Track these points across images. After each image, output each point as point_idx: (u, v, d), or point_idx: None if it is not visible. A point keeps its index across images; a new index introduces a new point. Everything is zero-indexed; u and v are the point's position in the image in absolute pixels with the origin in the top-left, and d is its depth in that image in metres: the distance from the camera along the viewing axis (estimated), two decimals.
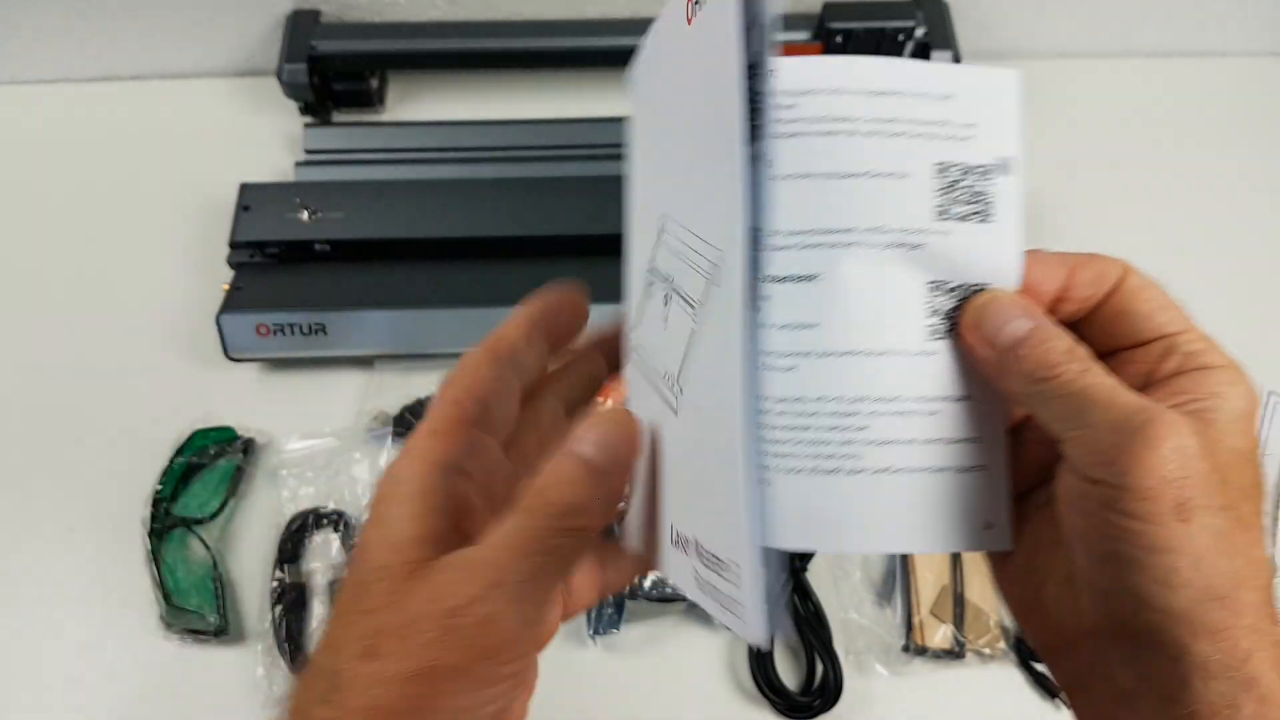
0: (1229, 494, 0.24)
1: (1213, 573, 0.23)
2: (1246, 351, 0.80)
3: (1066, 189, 0.80)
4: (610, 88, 0.86)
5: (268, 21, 0.83)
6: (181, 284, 0.73)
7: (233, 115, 0.84)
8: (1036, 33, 0.88)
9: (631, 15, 0.83)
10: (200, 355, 0.69)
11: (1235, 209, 0.80)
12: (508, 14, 0.83)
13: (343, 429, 0.66)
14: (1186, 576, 0.23)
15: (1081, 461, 0.25)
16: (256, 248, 0.70)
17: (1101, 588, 0.25)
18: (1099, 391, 0.25)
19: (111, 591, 0.60)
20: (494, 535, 0.26)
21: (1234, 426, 0.25)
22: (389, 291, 0.68)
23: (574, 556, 0.27)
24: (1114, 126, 0.85)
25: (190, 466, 0.63)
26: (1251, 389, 0.27)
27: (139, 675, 0.58)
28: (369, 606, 0.26)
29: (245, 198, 0.71)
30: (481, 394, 0.29)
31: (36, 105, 0.85)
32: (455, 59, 0.81)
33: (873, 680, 0.58)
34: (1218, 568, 0.24)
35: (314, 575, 0.61)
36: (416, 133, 0.80)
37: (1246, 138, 0.84)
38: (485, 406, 0.29)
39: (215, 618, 0.58)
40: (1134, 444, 0.24)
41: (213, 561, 0.60)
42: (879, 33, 0.78)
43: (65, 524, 0.63)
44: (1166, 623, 0.24)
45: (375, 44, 0.80)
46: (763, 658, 0.57)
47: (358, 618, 0.26)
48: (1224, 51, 0.90)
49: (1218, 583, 0.23)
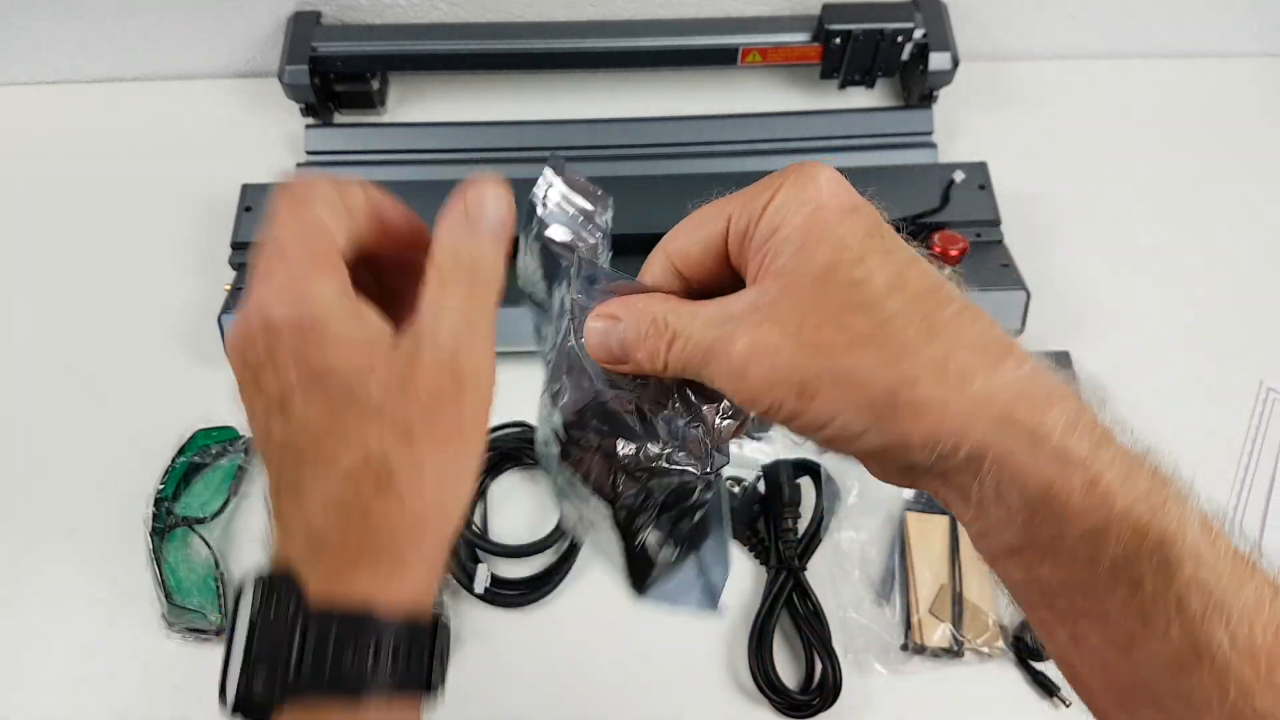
0: (836, 329, 0.26)
1: (881, 395, 0.25)
2: (1245, 348, 0.80)
3: (1066, 189, 0.80)
4: (610, 89, 0.86)
5: (269, 23, 0.83)
6: (184, 284, 0.73)
7: (234, 116, 0.84)
8: (1035, 34, 0.89)
9: (631, 17, 0.84)
10: (202, 355, 0.70)
11: (1234, 209, 0.80)
12: (508, 16, 0.84)
13: None
14: (857, 425, 0.26)
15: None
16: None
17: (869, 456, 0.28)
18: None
19: (113, 591, 0.61)
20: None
21: (807, 246, 0.27)
22: None
23: (494, 310, 0.30)
24: (1113, 127, 0.85)
25: (192, 466, 0.64)
26: (808, 185, 0.28)
27: (141, 674, 0.58)
28: (373, 398, 0.28)
29: (247, 198, 0.72)
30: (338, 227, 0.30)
31: (39, 106, 0.85)
32: (456, 60, 0.81)
33: (872, 679, 0.58)
34: (880, 390, 0.25)
35: None
36: (417, 134, 0.80)
37: (1246, 138, 0.85)
38: (346, 235, 0.30)
39: (217, 616, 0.58)
40: (735, 387, 0.28)
41: (214, 561, 0.60)
42: (878, 34, 0.79)
43: (67, 523, 0.63)
44: (903, 453, 0.26)
45: (376, 46, 0.80)
46: (763, 657, 0.57)
47: (367, 410, 0.28)
48: (1223, 52, 0.90)
49: (887, 396, 0.25)
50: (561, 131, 0.80)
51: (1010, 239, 0.72)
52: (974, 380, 0.25)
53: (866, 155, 0.79)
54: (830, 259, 0.26)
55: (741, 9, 0.84)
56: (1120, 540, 0.24)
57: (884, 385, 0.25)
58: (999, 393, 0.25)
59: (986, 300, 0.69)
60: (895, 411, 0.25)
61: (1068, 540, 0.25)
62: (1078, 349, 0.70)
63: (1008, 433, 0.25)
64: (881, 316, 0.26)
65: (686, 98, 0.85)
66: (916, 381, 0.25)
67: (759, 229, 0.28)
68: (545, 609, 0.61)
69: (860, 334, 0.26)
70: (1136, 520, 0.24)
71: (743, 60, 0.81)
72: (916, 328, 0.25)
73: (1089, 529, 0.24)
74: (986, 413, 0.25)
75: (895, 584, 0.61)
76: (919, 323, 0.26)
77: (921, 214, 0.71)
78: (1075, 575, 0.25)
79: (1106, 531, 0.24)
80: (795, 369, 0.26)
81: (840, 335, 0.26)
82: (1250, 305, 0.74)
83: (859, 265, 0.26)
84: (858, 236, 0.27)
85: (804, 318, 0.26)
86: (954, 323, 0.26)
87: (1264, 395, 0.69)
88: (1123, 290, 0.74)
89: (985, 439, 0.25)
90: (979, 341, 0.26)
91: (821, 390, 0.26)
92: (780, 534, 0.61)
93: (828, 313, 0.26)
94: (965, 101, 0.84)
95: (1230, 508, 0.65)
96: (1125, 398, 0.70)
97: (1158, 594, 0.24)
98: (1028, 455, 0.25)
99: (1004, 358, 0.26)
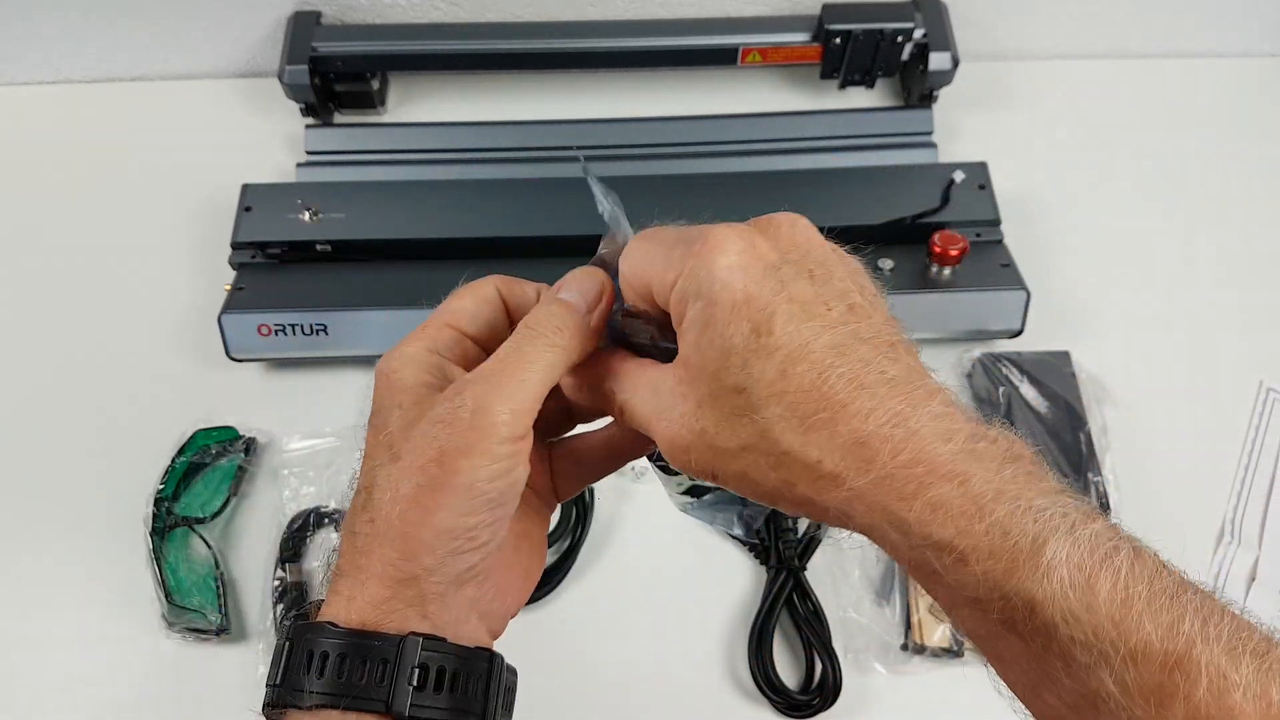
0: (730, 433, 0.29)
1: (770, 490, 0.29)
2: (1244, 349, 0.81)
3: (1066, 189, 0.80)
4: (610, 89, 0.86)
5: (269, 23, 0.83)
6: (183, 284, 0.73)
7: (234, 116, 0.84)
8: (1035, 34, 0.89)
9: (631, 17, 0.84)
10: (202, 355, 0.70)
11: (1235, 208, 0.80)
12: (508, 16, 0.84)
13: (344, 428, 0.66)
14: (768, 503, 0.30)
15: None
16: (258, 248, 0.71)
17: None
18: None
19: (113, 590, 0.61)
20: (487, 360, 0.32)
21: (701, 346, 0.29)
22: (389, 291, 0.68)
23: (552, 370, 0.32)
24: (1113, 127, 0.85)
25: (192, 466, 0.64)
26: (702, 271, 0.29)
27: (141, 674, 0.58)
28: (388, 429, 0.32)
29: (247, 198, 0.72)
30: (463, 308, 0.35)
31: (39, 106, 0.85)
32: (456, 60, 0.81)
33: (872, 679, 0.58)
34: (768, 488, 0.29)
35: (315, 574, 0.61)
36: (417, 134, 0.80)
37: (1245, 138, 0.85)
38: (469, 316, 0.35)
39: (217, 617, 0.58)
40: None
41: (214, 561, 0.60)
42: (877, 34, 0.79)
43: (67, 523, 0.63)
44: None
45: (376, 45, 0.80)
46: (763, 657, 0.57)
47: (380, 440, 0.32)
48: (1223, 52, 0.90)
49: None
50: (562, 131, 0.79)
51: (1010, 239, 0.72)
52: (845, 481, 0.27)
53: (866, 155, 0.79)
54: (719, 364, 0.28)
55: (741, 9, 0.84)
56: (995, 607, 0.26)
57: (771, 485, 0.29)
58: (868, 492, 0.27)
59: (987, 300, 0.69)
60: (786, 502, 0.29)
61: (957, 602, 0.27)
62: (1078, 349, 0.70)
63: (879, 524, 0.27)
64: (762, 425, 0.28)
65: (686, 98, 0.85)
66: (795, 484, 0.28)
67: (672, 303, 0.30)
68: (545, 609, 0.61)
69: (745, 442, 0.29)
70: (1004, 591, 0.25)
71: (743, 60, 0.81)
72: (794, 432, 0.28)
73: (969, 598, 0.26)
74: (858, 508, 0.27)
75: (895, 584, 0.61)
76: (796, 426, 0.28)
77: (921, 214, 0.71)
78: (978, 627, 0.27)
79: (982, 601, 0.26)
80: (704, 464, 0.30)
81: (731, 440, 0.29)
82: (1250, 305, 0.74)
83: (742, 372, 0.28)
84: (743, 336, 0.28)
85: (704, 422, 0.29)
86: (832, 421, 0.27)
87: (1264, 395, 0.69)
88: (1123, 290, 0.74)
89: (862, 526, 0.28)
90: (855, 437, 0.27)
91: (728, 482, 0.30)
92: (780, 534, 0.61)
93: (719, 418, 0.29)
94: (965, 101, 0.84)
95: (1230, 508, 0.65)
96: (1125, 398, 0.71)
97: (1043, 651, 0.25)
98: (900, 541, 0.27)
99: (876, 453, 0.27)
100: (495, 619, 0.34)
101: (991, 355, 0.69)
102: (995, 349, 0.70)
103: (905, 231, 0.71)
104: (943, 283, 0.69)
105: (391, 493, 0.30)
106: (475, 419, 0.30)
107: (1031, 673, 0.26)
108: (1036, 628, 0.25)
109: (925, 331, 0.70)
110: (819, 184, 0.75)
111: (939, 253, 0.67)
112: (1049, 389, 0.68)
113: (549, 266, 0.37)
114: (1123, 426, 0.67)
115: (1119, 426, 0.67)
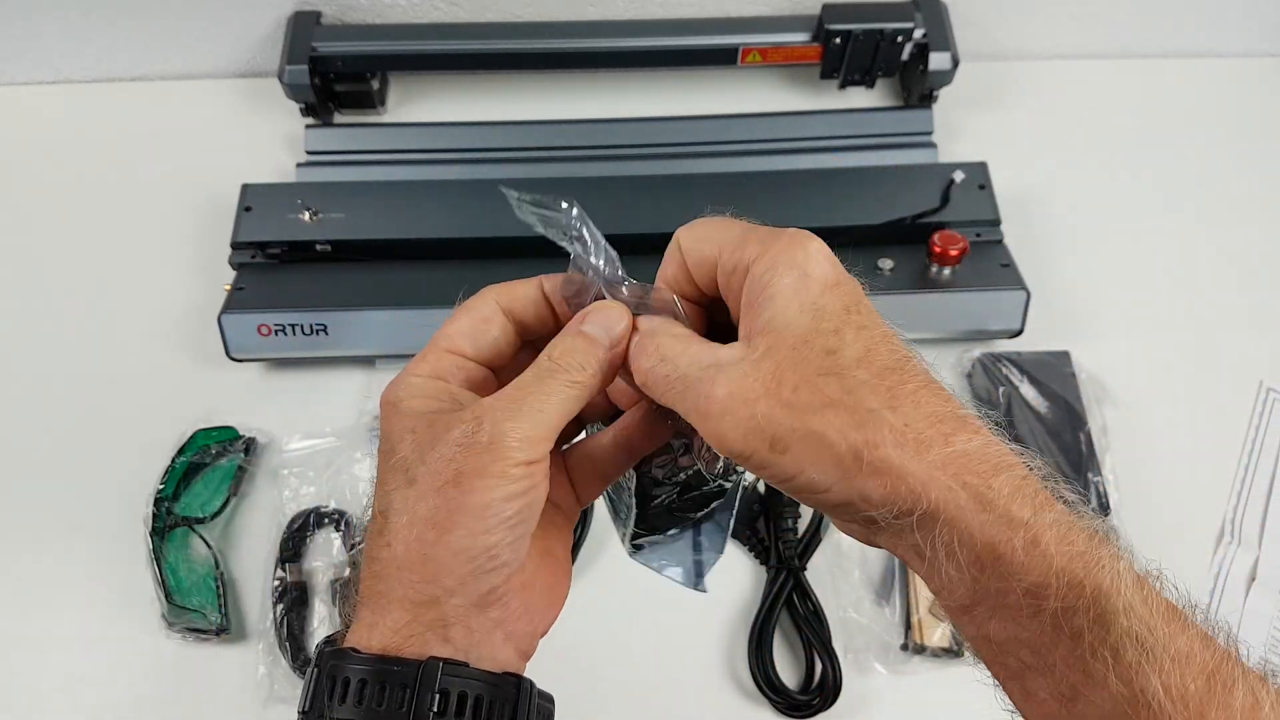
0: (810, 391, 0.28)
1: (846, 454, 0.28)
2: (1244, 349, 0.80)
3: (1066, 189, 0.80)
4: (610, 89, 0.86)
5: (269, 23, 0.83)
6: (183, 284, 0.73)
7: (234, 116, 0.84)
8: (1035, 34, 0.89)
9: (631, 17, 0.84)
10: (202, 355, 0.70)
11: (1234, 208, 0.80)
12: (508, 16, 0.84)
13: (344, 428, 0.66)
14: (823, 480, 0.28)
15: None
16: (258, 248, 0.71)
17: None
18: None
19: (113, 590, 0.61)
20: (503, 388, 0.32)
21: (790, 311, 0.29)
22: (389, 291, 0.68)
23: (569, 404, 0.32)
24: (1113, 127, 0.85)
25: (192, 466, 0.64)
26: (798, 252, 0.30)
27: (141, 674, 0.58)
28: (401, 454, 0.31)
29: (247, 198, 0.72)
30: (461, 331, 0.34)
31: (39, 106, 0.85)
32: (456, 60, 0.81)
33: (872, 679, 0.58)
34: (846, 449, 0.28)
35: (315, 574, 0.61)
36: (417, 134, 0.80)
37: (1245, 138, 0.85)
38: (468, 339, 0.34)
39: (217, 617, 0.58)
40: (706, 427, 0.29)
41: (214, 561, 0.60)
42: (877, 34, 0.79)
43: (67, 523, 0.63)
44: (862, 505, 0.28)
45: (376, 45, 0.80)
46: (763, 657, 0.57)
47: (393, 464, 0.32)
48: (1223, 52, 0.90)
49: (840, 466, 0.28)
50: (561, 131, 0.79)
51: (1010, 239, 0.72)
52: (930, 448, 0.28)
53: (866, 155, 0.79)
54: (810, 327, 0.29)
55: (741, 9, 0.84)
56: (1059, 594, 0.26)
57: (850, 445, 0.28)
58: (952, 461, 0.28)
59: (987, 300, 0.69)
60: (859, 470, 0.28)
61: (1012, 596, 0.27)
62: (1078, 349, 0.70)
63: (958, 496, 0.27)
64: (850, 385, 0.28)
65: (686, 98, 0.85)
66: (879, 444, 0.28)
67: (749, 283, 0.31)
68: None
69: (831, 398, 0.28)
70: (1073, 576, 0.26)
71: (743, 60, 0.81)
72: (881, 398, 0.28)
73: (1031, 585, 0.27)
74: (940, 477, 0.28)
75: (895, 584, 0.61)
76: (884, 394, 0.28)
77: (921, 214, 0.71)
78: (1021, 630, 0.27)
79: (1046, 586, 0.26)
80: (771, 422, 0.28)
81: (813, 397, 0.28)
82: (1250, 305, 0.74)
83: (834, 336, 0.29)
84: (836, 310, 0.29)
85: (782, 378, 0.29)
86: (915, 396, 0.29)
87: (1264, 395, 0.69)
88: (1122, 290, 0.74)
89: (938, 500, 0.27)
90: (936, 414, 0.28)
91: (793, 445, 0.28)
92: (780, 534, 0.61)
93: (803, 375, 0.28)
94: (965, 101, 0.84)
95: (1230, 508, 0.65)
96: (1125, 398, 0.71)
97: (1096, 645, 0.26)
98: (975, 517, 0.27)
99: (958, 429, 0.28)
100: (524, 639, 0.34)
101: (991, 355, 0.69)
102: (995, 349, 0.70)
103: (905, 231, 0.71)
104: (943, 283, 0.69)
105: (409, 515, 0.31)
106: (492, 443, 0.30)
107: (1073, 677, 0.26)
108: (1097, 617, 0.26)
109: (925, 331, 0.70)
110: (819, 184, 0.75)
111: (939, 253, 0.67)
112: (1049, 389, 0.68)
113: (549, 266, 0.37)
114: (1123, 426, 0.67)
115: (1119, 426, 0.67)
